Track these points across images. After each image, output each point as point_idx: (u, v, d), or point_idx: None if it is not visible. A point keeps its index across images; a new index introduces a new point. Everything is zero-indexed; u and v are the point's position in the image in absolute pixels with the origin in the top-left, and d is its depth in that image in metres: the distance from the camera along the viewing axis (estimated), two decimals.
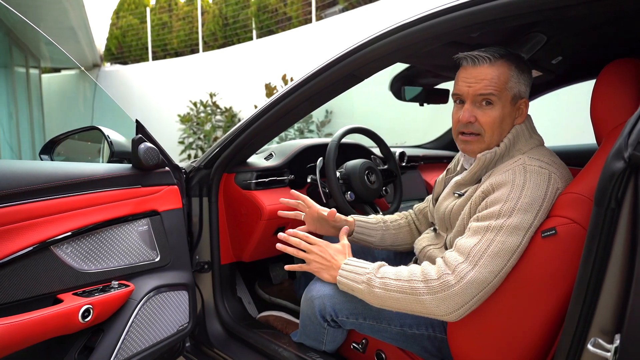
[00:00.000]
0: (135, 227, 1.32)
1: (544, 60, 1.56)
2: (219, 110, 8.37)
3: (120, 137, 1.45)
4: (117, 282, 1.22)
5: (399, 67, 1.90)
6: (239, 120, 8.30)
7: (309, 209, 1.42)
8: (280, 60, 7.33)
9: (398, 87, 1.95)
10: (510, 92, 1.10)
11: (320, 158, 1.67)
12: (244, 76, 8.09)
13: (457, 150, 2.76)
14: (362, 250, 1.58)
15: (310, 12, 7.73)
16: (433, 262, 1.24)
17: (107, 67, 11.50)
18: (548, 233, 0.96)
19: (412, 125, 4.67)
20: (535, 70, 1.61)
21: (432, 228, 1.35)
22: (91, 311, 1.09)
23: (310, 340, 1.37)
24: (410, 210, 1.54)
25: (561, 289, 0.97)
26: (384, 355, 1.31)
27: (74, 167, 1.18)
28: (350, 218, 1.43)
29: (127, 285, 1.23)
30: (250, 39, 8.81)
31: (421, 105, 2.02)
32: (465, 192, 1.16)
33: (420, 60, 1.44)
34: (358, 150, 1.98)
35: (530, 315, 1.01)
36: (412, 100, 1.97)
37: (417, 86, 1.96)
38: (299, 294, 1.90)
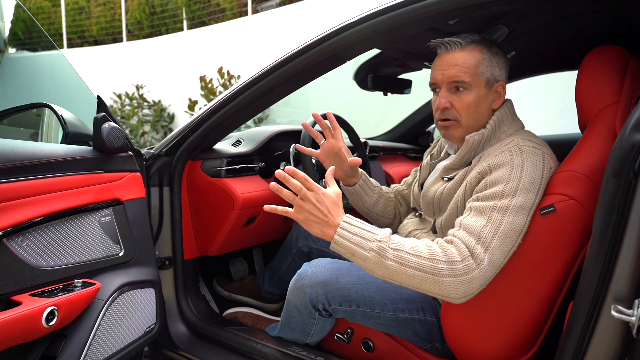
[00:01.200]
0: (97, 218, 1.16)
1: None
2: (146, 103, 7.87)
3: (72, 116, 1.27)
4: (80, 280, 1.06)
5: (360, 59, 1.88)
6: (169, 114, 7.88)
7: (335, 140, 1.34)
8: (215, 53, 7.06)
9: (364, 76, 1.93)
10: (482, 76, 1.12)
11: (293, 145, 1.60)
12: (174, 68, 7.68)
13: (411, 142, 2.84)
14: None
15: (245, 5, 7.53)
16: None
17: (13, 53, 10.34)
18: (547, 210, 0.98)
19: (365, 117, 4.74)
20: None
21: (416, 213, 1.34)
22: (56, 313, 0.93)
23: (294, 333, 1.30)
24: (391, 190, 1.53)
25: (558, 264, 1.00)
26: (371, 344, 1.28)
27: (32, 147, 1.00)
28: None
29: (92, 284, 1.07)
30: (181, 29, 8.39)
31: (385, 94, 2.02)
32: (455, 175, 1.17)
33: (401, 45, 1.43)
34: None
35: (528, 291, 1.03)
36: (377, 89, 1.97)
37: (382, 75, 1.96)
38: (263, 288, 1.82)
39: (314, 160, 1.63)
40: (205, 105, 1.44)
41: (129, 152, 1.30)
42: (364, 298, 1.18)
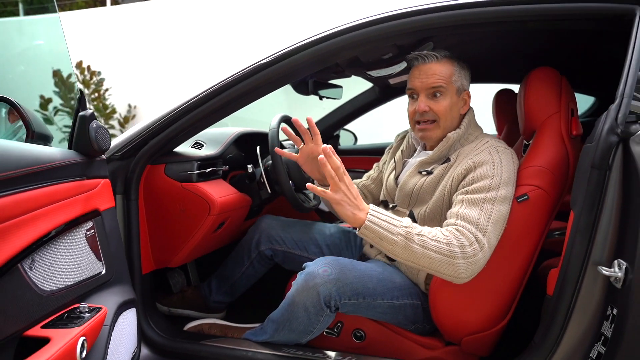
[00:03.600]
0: (83, 231, 1.00)
1: None
2: None
3: (33, 112, 1.07)
4: (85, 305, 0.91)
5: None
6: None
7: (315, 145, 1.39)
8: (67, 45, 6.17)
9: (302, 80, 1.99)
10: (455, 84, 1.32)
11: (259, 146, 1.58)
12: (10, 60, 6.47)
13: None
14: (303, 231, 1.59)
15: None
16: None
17: None
18: (522, 198, 1.21)
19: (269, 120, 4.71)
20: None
21: (389, 206, 1.45)
22: (85, 344, 0.79)
23: (293, 334, 1.30)
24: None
25: (530, 242, 1.23)
26: (362, 333, 1.35)
27: (29, 149, 0.82)
28: None
29: (99, 308, 0.93)
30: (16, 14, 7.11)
31: (320, 99, 2.11)
32: (432, 169, 1.32)
33: (361, 56, 1.54)
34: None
35: (506, 268, 1.23)
36: (315, 93, 2.04)
37: (319, 80, 2.04)
38: (211, 298, 1.73)
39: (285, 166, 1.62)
40: (170, 104, 1.33)
41: (103, 155, 1.14)
42: (368, 290, 1.25)
